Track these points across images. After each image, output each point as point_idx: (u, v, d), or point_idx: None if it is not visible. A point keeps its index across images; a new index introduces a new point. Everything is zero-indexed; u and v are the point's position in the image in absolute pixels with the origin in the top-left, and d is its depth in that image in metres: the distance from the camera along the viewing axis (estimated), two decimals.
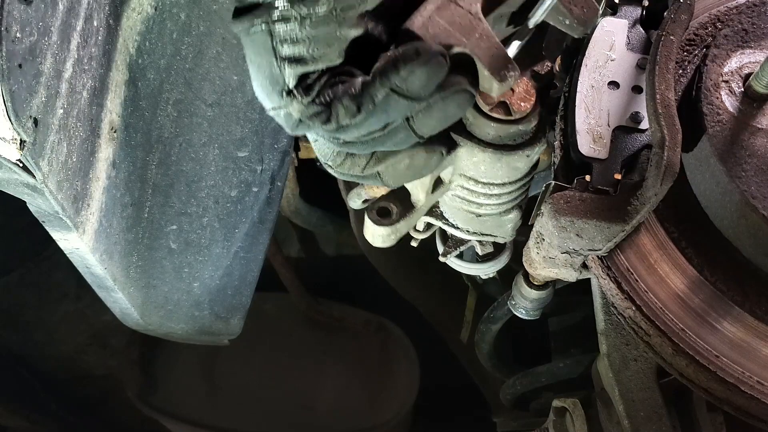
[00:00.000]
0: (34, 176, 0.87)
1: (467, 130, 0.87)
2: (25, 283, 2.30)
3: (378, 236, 0.96)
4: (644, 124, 0.87)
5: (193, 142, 1.29)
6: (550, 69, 0.88)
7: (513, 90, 0.83)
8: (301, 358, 2.45)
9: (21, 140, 0.81)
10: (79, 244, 1.05)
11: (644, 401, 0.92)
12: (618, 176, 0.83)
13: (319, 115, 0.72)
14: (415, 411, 2.37)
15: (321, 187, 1.91)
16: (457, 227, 1.03)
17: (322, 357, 2.46)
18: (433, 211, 1.04)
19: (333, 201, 1.81)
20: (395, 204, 0.95)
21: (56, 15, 0.83)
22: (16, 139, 0.81)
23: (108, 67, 1.01)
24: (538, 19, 0.80)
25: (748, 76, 0.87)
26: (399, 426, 2.37)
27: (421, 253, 1.24)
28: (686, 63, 0.94)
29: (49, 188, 0.90)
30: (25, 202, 0.96)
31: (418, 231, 1.07)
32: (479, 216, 0.98)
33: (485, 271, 1.14)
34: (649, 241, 0.85)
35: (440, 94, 0.73)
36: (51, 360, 2.39)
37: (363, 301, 2.47)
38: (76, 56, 0.90)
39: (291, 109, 0.73)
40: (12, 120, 0.78)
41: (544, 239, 0.87)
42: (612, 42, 0.93)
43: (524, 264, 0.96)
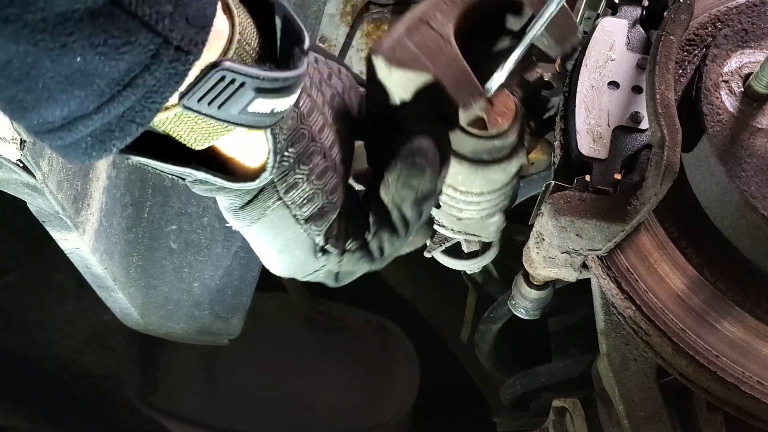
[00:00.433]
0: (34, 176, 0.86)
1: None
2: (25, 283, 2.30)
3: None
4: (644, 124, 0.87)
5: None
6: (540, 76, 0.89)
7: (492, 104, 0.82)
8: (301, 358, 2.45)
9: (21, 140, 0.81)
10: (79, 244, 1.05)
11: (644, 401, 0.92)
12: (618, 176, 0.83)
13: (363, 258, 0.77)
14: (415, 411, 2.37)
15: None
16: (442, 225, 1.03)
17: (322, 357, 2.46)
18: None
19: None
20: None
21: None
22: (16, 139, 0.81)
23: None
24: (526, 44, 0.79)
25: (748, 76, 0.87)
26: (399, 426, 2.37)
27: (421, 253, 1.24)
28: (686, 63, 0.94)
29: (50, 188, 0.90)
30: (25, 202, 0.96)
31: None
32: (460, 219, 0.98)
33: (470, 267, 1.14)
34: (649, 241, 0.85)
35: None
36: (51, 360, 2.39)
37: (363, 301, 2.47)
38: None
39: (330, 266, 0.77)
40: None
41: (544, 239, 0.86)
42: (612, 42, 0.93)
43: (524, 264, 0.96)
